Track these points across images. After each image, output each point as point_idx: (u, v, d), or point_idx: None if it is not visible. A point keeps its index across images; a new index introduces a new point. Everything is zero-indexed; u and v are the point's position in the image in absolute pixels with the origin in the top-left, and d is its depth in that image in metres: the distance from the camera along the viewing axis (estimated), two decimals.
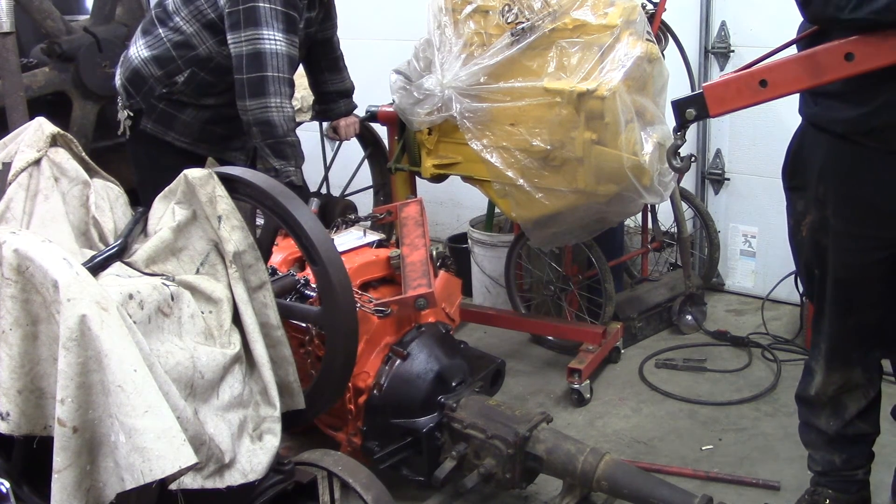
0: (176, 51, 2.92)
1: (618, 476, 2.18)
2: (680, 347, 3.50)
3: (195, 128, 3.01)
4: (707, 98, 2.00)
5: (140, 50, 2.98)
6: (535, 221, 2.98)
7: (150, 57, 2.95)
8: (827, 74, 1.83)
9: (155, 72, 2.94)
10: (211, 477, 1.68)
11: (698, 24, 3.74)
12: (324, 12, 3.16)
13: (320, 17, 3.15)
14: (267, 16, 2.73)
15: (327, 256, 1.96)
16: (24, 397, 1.54)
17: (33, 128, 1.98)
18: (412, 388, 2.42)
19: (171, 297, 1.72)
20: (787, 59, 1.90)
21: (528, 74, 2.78)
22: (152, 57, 2.94)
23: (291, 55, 2.83)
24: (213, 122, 3.03)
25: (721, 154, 3.88)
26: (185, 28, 2.90)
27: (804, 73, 1.86)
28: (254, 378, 1.87)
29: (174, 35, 2.92)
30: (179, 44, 2.91)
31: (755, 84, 1.93)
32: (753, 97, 1.94)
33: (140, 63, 2.97)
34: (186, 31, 2.90)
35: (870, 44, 1.76)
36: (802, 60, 1.86)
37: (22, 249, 1.55)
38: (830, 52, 1.81)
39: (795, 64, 1.87)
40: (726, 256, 3.98)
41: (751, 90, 1.94)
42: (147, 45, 2.97)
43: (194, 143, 3.04)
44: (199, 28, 2.88)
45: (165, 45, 2.93)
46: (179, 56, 2.92)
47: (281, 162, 2.85)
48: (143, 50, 2.97)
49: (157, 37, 2.95)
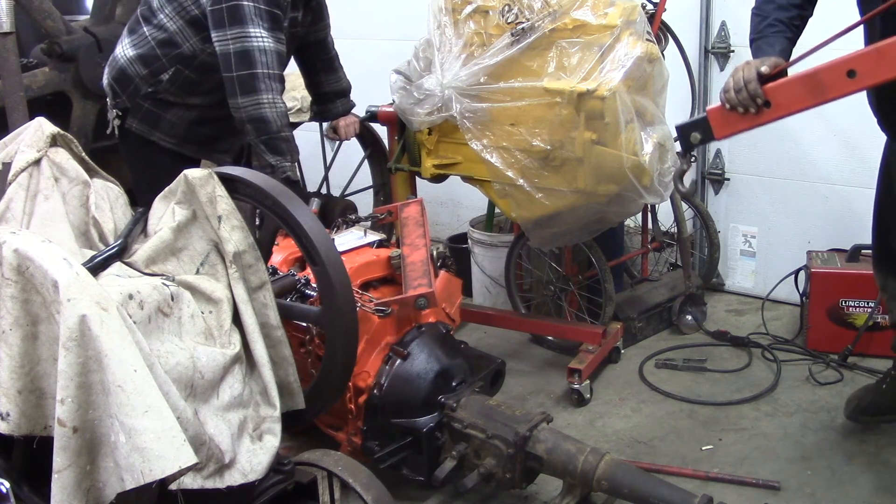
0: (160, 49, 2.91)
1: (618, 476, 2.18)
2: (680, 347, 3.50)
3: (181, 128, 3.01)
4: (711, 121, 2.02)
5: (126, 49, 2.98)
6: (535, 221, 2.98)
7: (135, 56, 2.94)
8: (830, 92, 1.85)
9: (140, 71, 2.94)
10: (211, 477, 1.68)
11: (698, 24, 3.74)
12: (312, 15, 3.15)
13: (308, 20, 3.14)
14: (251, 14, 2.73)
15: (327, 256, 1.96)
16: (24, 397, 1.55)
17: (33, 128, 1.98)
18: (412, 387, 2.42)
19: (171, 297, 1.72)
20: (788, 79, 1.92)
21: (528, 74, 2.78)
22: (137, 56, 2.94)
23: (279, 51, 2.83)
24: (198, 122, 3.01)
25: (721, 154, 3.88)
26: (168, 25, 2.89)
27: (807, 93, 1.87)
28: (254, 378, 1.87)
29: (158, 33, 2.91)
30: (163, 42, 2.90)
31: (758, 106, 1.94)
32: (757, 119, 1.95)
33: (126, 62, 2.96)
34: (170, 29, 2.89)
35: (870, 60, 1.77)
36: (805, 80, 1.87)
37: (22, 249, 1.55)
38: (832, 71, 1.82)
39: (798, 84, 1.89)
40: (726, 256, 3.98)
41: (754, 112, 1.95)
42: (132, 44, 2.96)
43: (180, 144, 3.03)
44: (182, 25, 2.88)
45: (150, 43, 2.92)
46: (164, 54, 2.91)
47: (277, 158, 2.86)
48: (129, 49, 2.97)
49: (141, 35, 2.95)
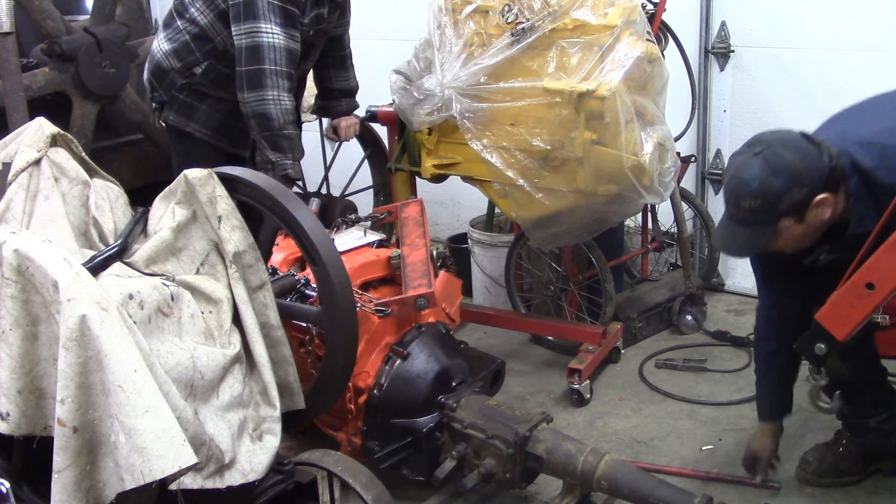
0: (194, 43, 2.99)
1: (618, 476, 2.18)
2: (680, 347, 3.50)
3: (215, 119, 3.07)
4: (826, 326, 1.99)
5: (161, 43, 3.06)
6: (535, 221, 2.98)
7: (170, 50, 3.02)
8: None
9: (175, 64, 3.02)
10: (211, 477, 1.68)
11: (698, 24, 3.74)
12: (339, 10, 3.19)
13: (336, 16, 3.17)
14: (264, 9, 2.78)
15: (327, 256, 1.96)
16: (24, 397, 1.55)
17: (33, 128, 1.98)
18: (412, 387, 2.42)
19: (171, 297, 1.72)
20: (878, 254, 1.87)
21: (528, 74, 2.78)
22: (172, 50, 3.02)
23: (290, 48, 2.85)
24: (231, 116, 3.06)
25: (721, 154, 3.88)
26: (199, 20, 2.96)
27: None
28: (254, 378, 1.87)
29: (191, 27, 2.99)
30: (197, 36, 2.98)
31: (863, 291, 1.90)
32: (869, 303, 1.91)
33: (161, 56, 3.05)
34: (201, 23, 2.96)
35: None
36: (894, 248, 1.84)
37: (22, 249, 1.55)
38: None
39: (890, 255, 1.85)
40: (726, 256, 3.98)
41: (862, 299, 1.91)
42: (167, 38, 3.05)
43: (214, 136, 3.09)
44: (213, 19, 2.95)
45: (185, 37, 3.00)
46: (198, 49, 2.99)
47: (277, 155, 2.87)
48: (164, 43, 3.05)
49: (176, 29, 3.02)
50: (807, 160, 1.95)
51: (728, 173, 2.07)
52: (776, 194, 1.94)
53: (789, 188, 1.93)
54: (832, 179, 1.96)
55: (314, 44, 3.10)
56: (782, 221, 1.97)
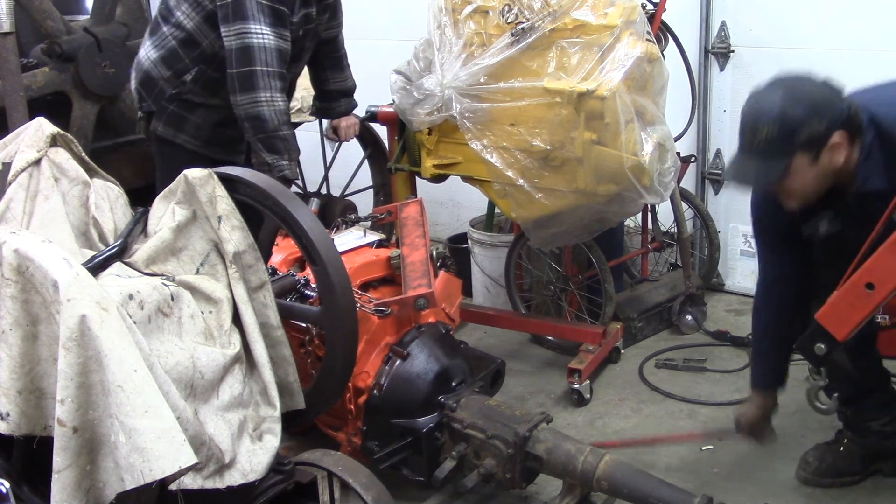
0: (182, 49, 2.93)
1: (618, 476, 2.18)
2: (680, 347, 3.50)
3: (205, 130, 3.02)
4: (826, 326, 1.98)
5: (148, 51, 2.99)
6: (535, 221, 2.98)
7: (157, 58, 2.96)
8: None
9: (164, 73, 2.95)
10: (211, 477, 1.68)
11: (698, 24, 3.74)
12: (329, 11, 3.16)
13: (326, 17, 3.15)
14: (253, 10, 2.74)
15: (327, 256, 1.96)
16: (24, 397, 1.55)
17: (33, 128, 1.98)
18: (412, 388, 2.42)
19: (171, 297, 1.72)
20: (878, 254, 1.86)
21: (528, 74, 2.78)
22: (160, 58, 2.96)
23: (281, 49, 2.82)
24: (222, 123, 3.02)
25: (721, 154, 3.88)
26: (186, 24, 2.90)
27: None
28: (254, 378, 1.87)
29: (178, 32, 2.93)
30: (184, 41, 2.92)
31: (863, 291, 1.89)
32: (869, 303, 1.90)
33: (150, 65, 2.98)
34: (188, 27, 2.91)
35: None
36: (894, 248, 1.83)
37: (22, 249, 1.55)
38: None
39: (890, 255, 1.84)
40: (726, 256, 3.98)
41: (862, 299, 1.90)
42: (154, 46, 2.98)
43: (205, 146, 3.04)
44: (199, 22, 2.89)
45: (172, 42, 2.94)
46: (186, 54, 2.93)
47: (273, 156, 2.85)
48: (151, 51, 2.98)
49: (162, 36, 2.96)
50: (828, 96, 1.95)
51: (746, 105, 2.04)
52: (796, 122, 1.92)
53: (809, 119, 1.91)
54: (850, 123, 1.95)
55: (304, 45, 3.06)
56: (797, 157, 1.95)
